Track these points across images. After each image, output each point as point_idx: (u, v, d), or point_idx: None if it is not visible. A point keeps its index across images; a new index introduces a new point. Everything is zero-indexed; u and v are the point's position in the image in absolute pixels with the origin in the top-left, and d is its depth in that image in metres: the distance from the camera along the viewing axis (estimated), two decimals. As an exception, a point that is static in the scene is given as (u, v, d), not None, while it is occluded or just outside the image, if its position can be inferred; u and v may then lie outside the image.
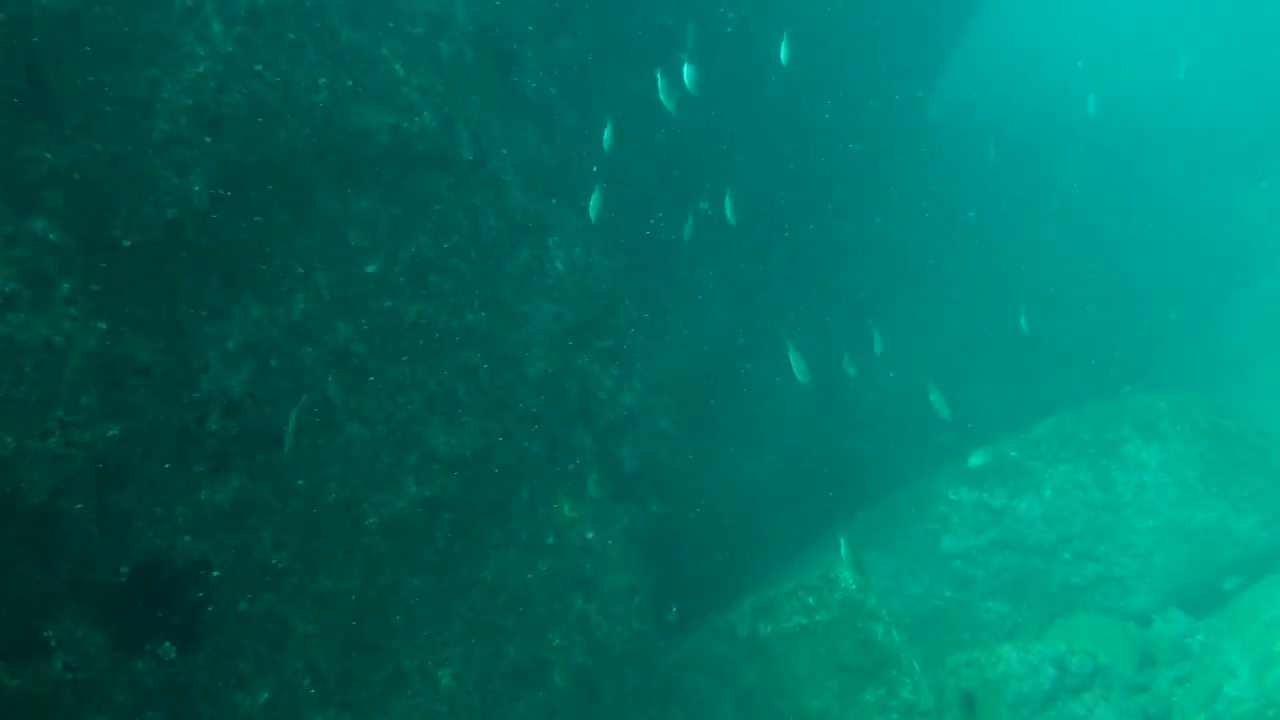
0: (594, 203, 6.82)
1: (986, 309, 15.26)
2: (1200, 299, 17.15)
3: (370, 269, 5.06)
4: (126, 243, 4.07)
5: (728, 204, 7.84)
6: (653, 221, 10.61)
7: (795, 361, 7.93)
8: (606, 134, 6.76)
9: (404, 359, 5.30)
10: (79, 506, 3.78)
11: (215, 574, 4.26)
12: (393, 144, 5.09)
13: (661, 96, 6.72)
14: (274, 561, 4.61)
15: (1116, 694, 6.96)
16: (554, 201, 7.47)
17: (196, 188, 4.21)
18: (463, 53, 6.01)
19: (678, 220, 11.11)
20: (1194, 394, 10.23)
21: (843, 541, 8.16)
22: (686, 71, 6.60)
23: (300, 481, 4.79)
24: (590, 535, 7.13)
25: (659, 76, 6.58)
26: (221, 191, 4.29)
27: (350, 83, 4.77)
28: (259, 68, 4.23)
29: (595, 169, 7.95)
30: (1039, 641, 7.68)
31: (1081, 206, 17.25)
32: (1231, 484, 9.58)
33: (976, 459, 9.15)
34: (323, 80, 4.59)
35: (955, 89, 17.97)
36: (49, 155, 3.83)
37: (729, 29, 10.91)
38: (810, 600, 8.02)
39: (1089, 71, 21.04)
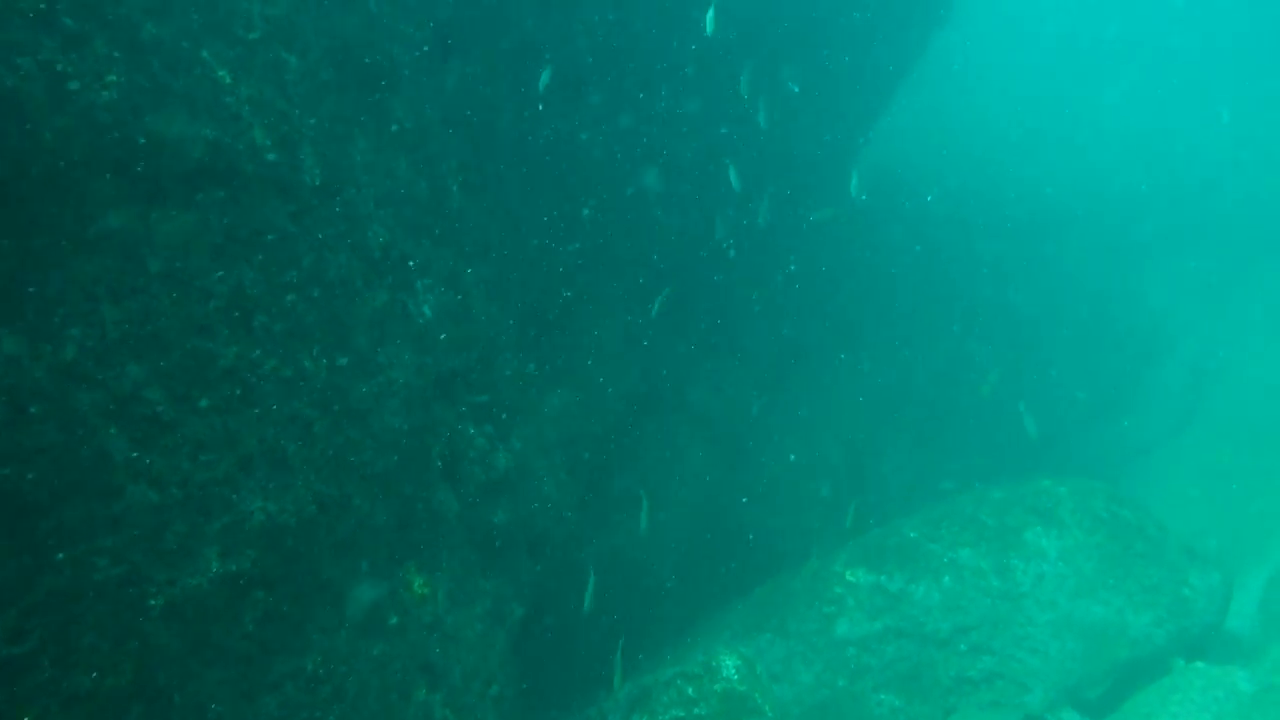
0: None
1: (898, 378, 15.10)
2: (1108, 380, 17.31)
3: (175, 302, 4.31)
4: None
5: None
6: (553, 270, 10.03)
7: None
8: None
9: (214, 410, 4.53)
10: None
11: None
12: (210, 161, 4.39)
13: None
14: (11, 652, 3.77)
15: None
16: (428, 240, 6.81)
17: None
18: (318, 69, 5.37)
19: (580, 269, 10.57)
20: (1096, 481, 10.02)
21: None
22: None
23: (60, 555, 3.97)
24: (445, 614, 6.37)
25: None
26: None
27: (149, 84, 4.07)
28: (12, 54, 3.52)
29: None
30: None
31: (996, 282, 17.36)
32: (1128, 577, 9.32)
33: None
34: (112, 77, 3.89)
35: (876, 158, 18.03)
36: None
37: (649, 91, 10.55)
38: (689, 690, 7.35)
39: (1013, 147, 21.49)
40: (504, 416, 7.62)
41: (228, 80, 4.47)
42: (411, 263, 6.39)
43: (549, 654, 8.86)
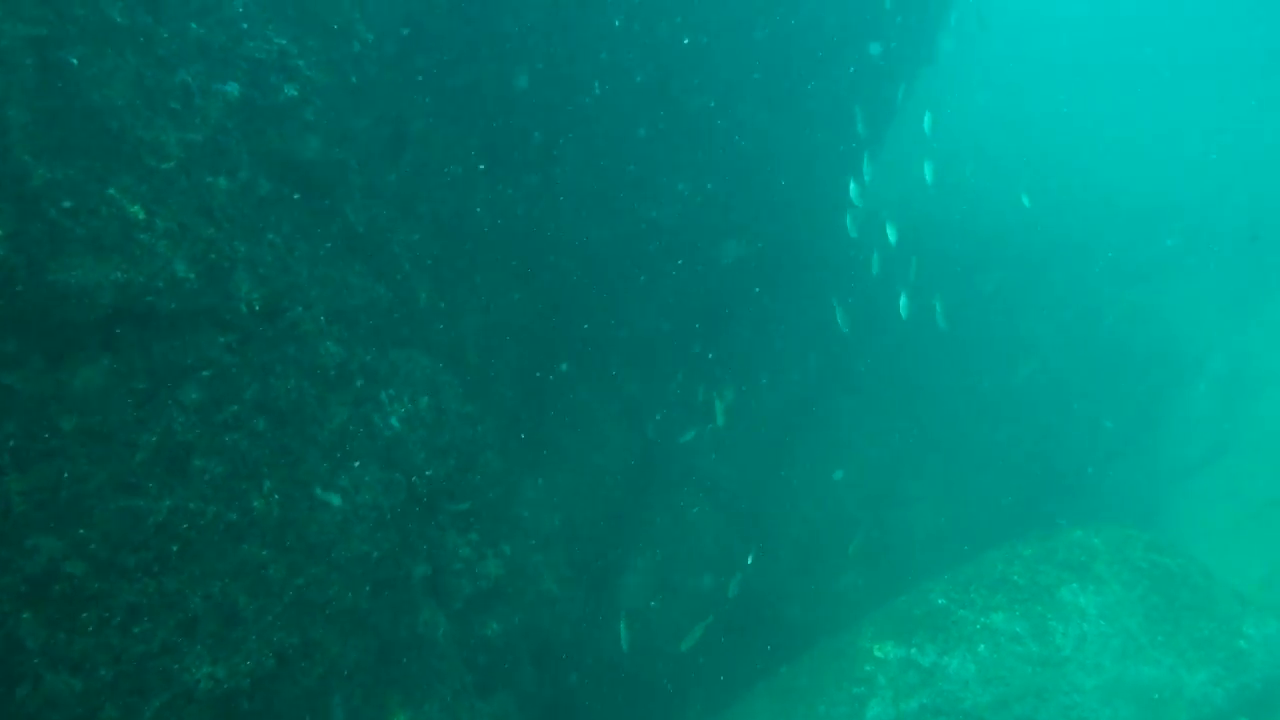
0: None
1: (914, 425, 14.56)
2: (1135, 406, 16.65)
3: (94, 461, 3.95)
4: None
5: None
6: (540, 353, 9.68)
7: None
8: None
9: (146, 574, 4.14)
10: None
11: None
12: (124, 304, 4.07)
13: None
14: None
15: None
16: (392, 347, 6.47)
17: None
18: (253, 186, 5.08)
19: (570, 347, 10.21)
20: (1130, 529, 9.42)
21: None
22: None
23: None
24: (434, 749, 5.90)
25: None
26: None
27: (45, 232, 3.76)
28: None
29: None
30: None
31: (1010, 314, 16.87)
32: (1178, 632, 8.68)
33: None
34: (1, 231, 3.59)
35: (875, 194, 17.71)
36: None
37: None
38: (709, 804, 6.79)
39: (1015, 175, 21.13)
40: (490, 521, 7.20)
41: (140, 216, 4.17)
42: (374, 375, 6.03)
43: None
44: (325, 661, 5.13)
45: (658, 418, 11.59)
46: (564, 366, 10.25)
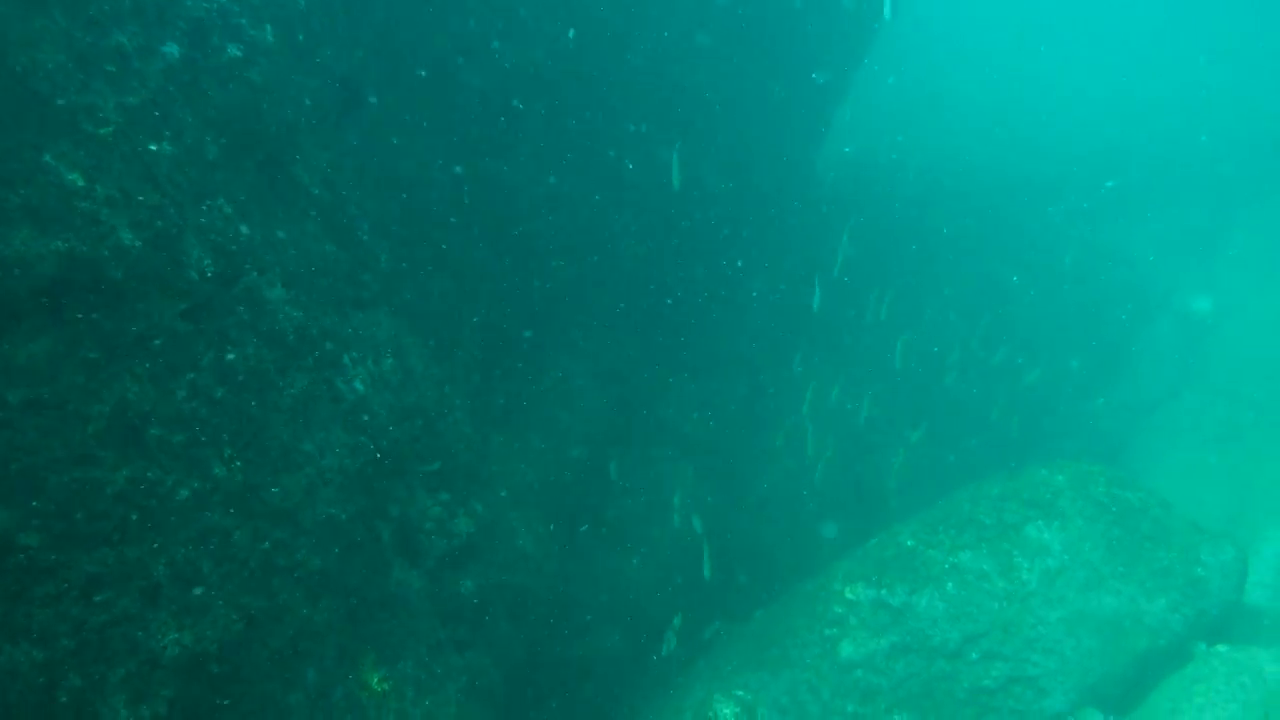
0: None
1: (883, 368, 14.68)
2: (1101, 345, 16.89)
3: (45, 433, 3.92)
4: None
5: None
6: (508, 313, 9.65)
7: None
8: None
9: (106, 543, 4.13)
10: None
11: None
12: (68, 273, 4.00)
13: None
14: None
15: None
16: (354, 310, 6.42)
17: None
18: (200, 150, 4.98)
19: (533, 307, 10.18)
20: (1094, 465, 9.60)
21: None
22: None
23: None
24: (411, 705, 5.98)
25: None
26: None
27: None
28: None
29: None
30: None
31: (976, 256, 16.97)
32: (1138, 562, 8.92)
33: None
34: (-72, 206, 3.51)
35: (843, 143, 17.68)
36: None
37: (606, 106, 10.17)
38: (686, 746, 6.96)
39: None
40: (461, 480, 7.23)
41: (80, 183, 4.08)
42: (335, 338, 5.99)
43: (542, 715, 8.47)
44: (295, 624, 5.16)
45: (631, 376, 11.62)
46: (529, 332, 10.24)
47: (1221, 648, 8.57)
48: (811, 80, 13.02)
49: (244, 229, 5.33)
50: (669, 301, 12.25)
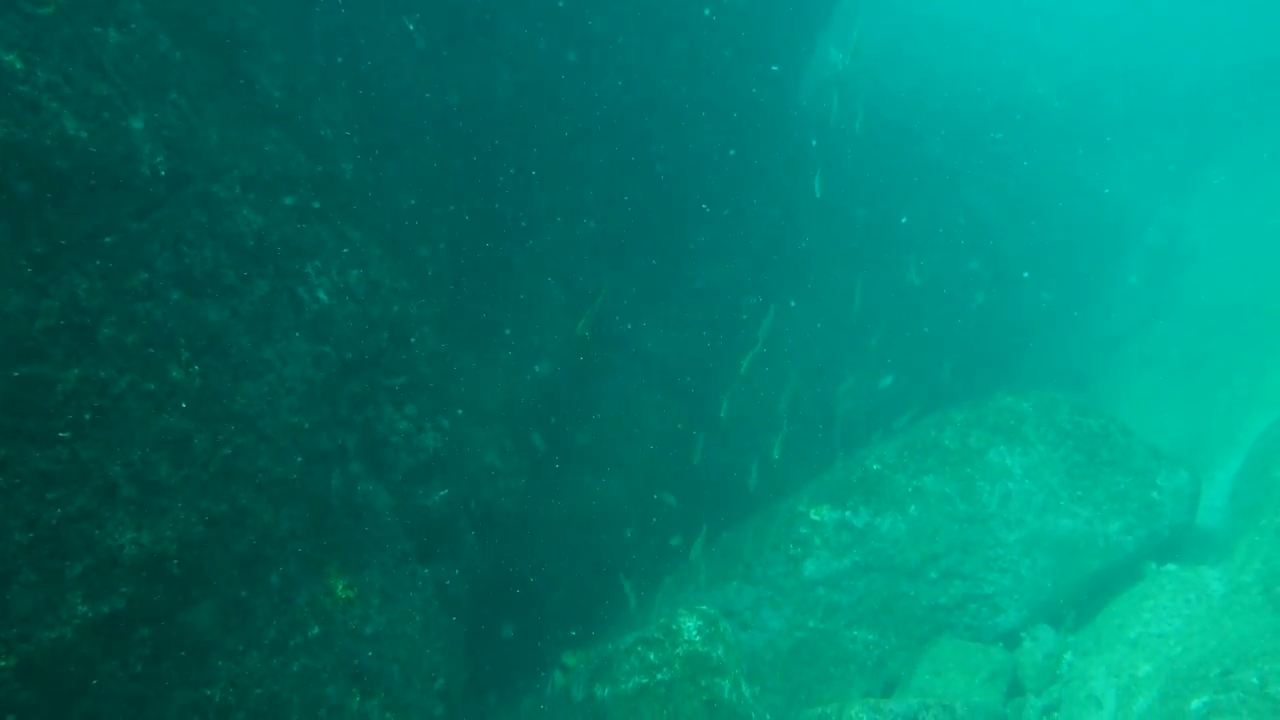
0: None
1: (859, 298, 14.70)
2: (1073, 277, 16.99)
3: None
4: None
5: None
6: (477, 227, 9.50)
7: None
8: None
9: (58, 441, 4.07)
10: None
11: None
12: (5, 161, 3.85)
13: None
14: None
15: (976, 750, 6.28)
16: (316, 219, 6.28)
17: None
18: (150, 41, 4.78)
19: (508, 222, 10.04)
20: (1059, 393, 9.73)
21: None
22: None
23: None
24: (377, 613, 6.04)
25: None
26: None
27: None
28: None
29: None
30: (891, 698, 6.95)
31: (953, 187, 16.89)
32: (1096, 487, 9.11)
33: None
34: None
35: (826, 71, 17.37)
36: None
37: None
38: (651, 657, 7.10)
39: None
40: (428, 395, 7.19)
41: (18, 65, 3.90)
42: (297, 247, 5.87)
43: (508, 627, 8.60)
44: (257, 529, 5.16)
45: (602, 298, 11.56)
46: (500, 251, 10.11)
47: (1171, 566, 8.84)
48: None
49: (200, 128, 5.16)
50: (642, 222, 12.13)
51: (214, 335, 5.00)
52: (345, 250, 6.50)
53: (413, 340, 7.01)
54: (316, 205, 6.33)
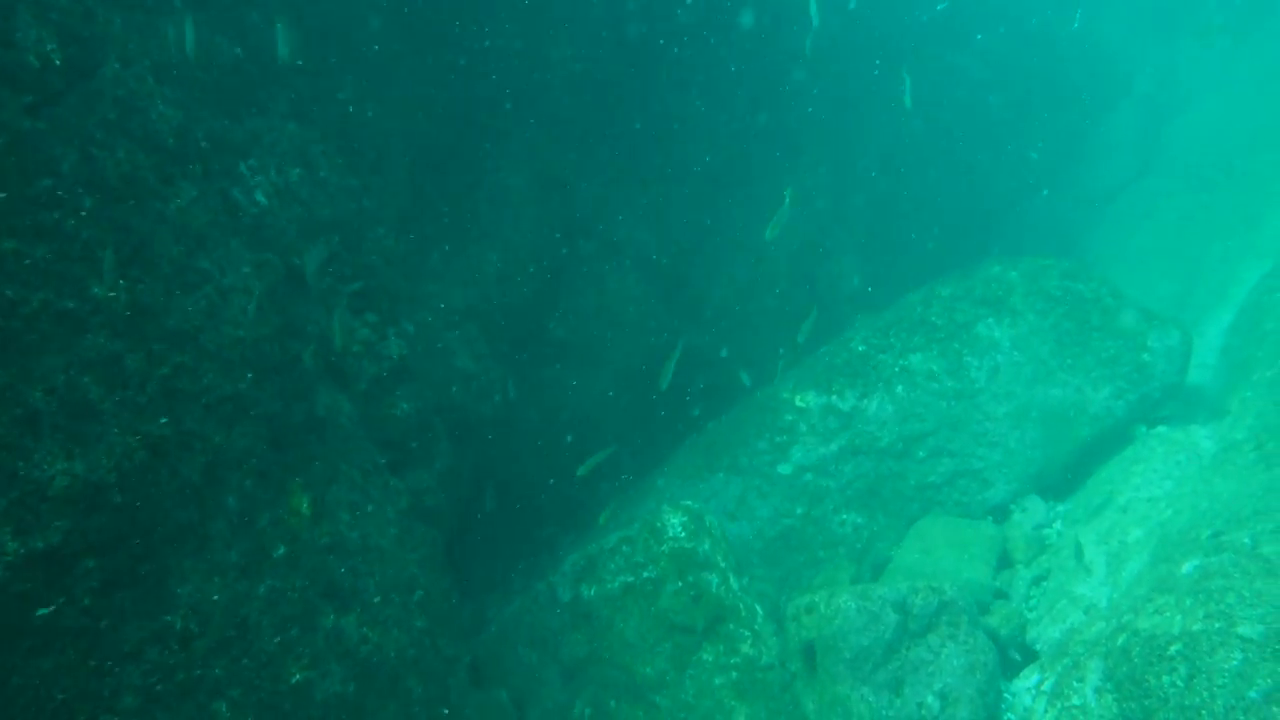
0: None
1: (842, 171, 14.17)
2: (1063, 134, 16.36)
3: None
4: None
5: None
6: (439, 115, 8.92)
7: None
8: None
9: (-34, 372, 3.73)
10: None
11: None
12: None
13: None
14: None
15: (965, 628, 6.22)
16: (248, 112, 5.77)
17: None
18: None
19: (468, 113, 9.45)
20: (1048, 259, 9.40)
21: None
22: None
23: None
24: (348, 529, 5.84)
25: None
26: None
27: None
28: None
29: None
30: (879, 581, 6.87)
31: (938, 46, 16.07)
32: (1085, 353, 8.90)
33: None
34: None
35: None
36: None
37: None
38: (636, 555, 6.99)
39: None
40: (388, 300, 6.82)
41: None
42: (227, 144, 5.39)
43: (489, 532, 8.49)
44: (208, 452, 4.88)
45: (575, 184, 11.03)
46: (467, 134, 9.55)
47: (1161, 429, 8.72)
48: None
49: (95, 9, 4.62)
50: (615, 104, 11.48)
51: (139, 246, 4.59)
52: (284, 146, 6.02)
53: (368, 242, 6.60)
54: (248, 98, 5.81)
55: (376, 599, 5.77)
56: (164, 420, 4.59)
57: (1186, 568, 6.26)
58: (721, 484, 8.76)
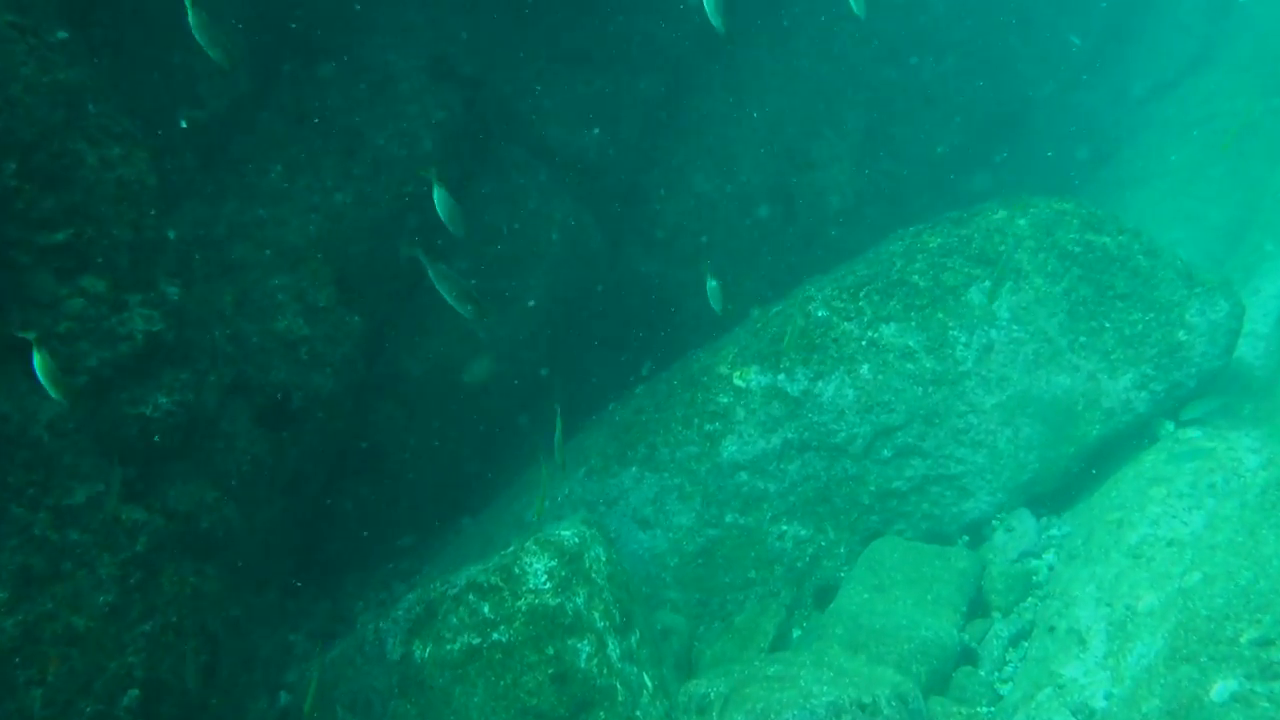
0: None
1: (836, 56, 11.72)
2: (1109, 16, 13.61)
3: None
4: None
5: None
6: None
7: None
8: None
9: None
10: None
11: None
12: None
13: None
14: None
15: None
16: None
17: None
18: None
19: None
20: (1065, 203, 7.25)
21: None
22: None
23: None
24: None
25: None
26: None
27: None
28: None
29: None
30: (793, 651, 5.17)
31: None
32: (1106, 329, 6.93)
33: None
34: None
35: None
36: None
37: None
38: (485, 609, 5.34)
39: None
40: (125, 255, 4.90)
41: None
42: None
43: (330, 543, 6.86)
44: None
45: (483, 71, 8.81)
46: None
47: (1194, 433, 6.85)
48: None
49: None
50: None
51: None
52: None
53: (81, 161, 4.63)
54: None
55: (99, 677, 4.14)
56: None
57: (1218, 691, 4.58)
58: (633, 481, 7.01)
